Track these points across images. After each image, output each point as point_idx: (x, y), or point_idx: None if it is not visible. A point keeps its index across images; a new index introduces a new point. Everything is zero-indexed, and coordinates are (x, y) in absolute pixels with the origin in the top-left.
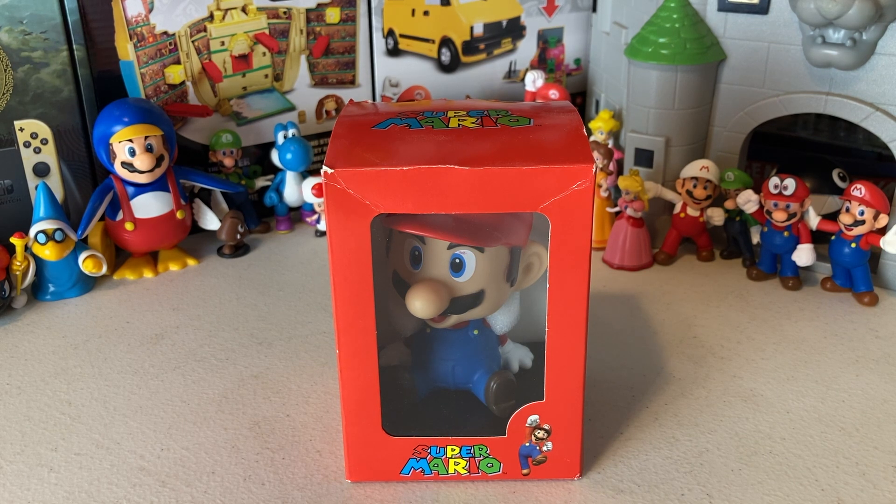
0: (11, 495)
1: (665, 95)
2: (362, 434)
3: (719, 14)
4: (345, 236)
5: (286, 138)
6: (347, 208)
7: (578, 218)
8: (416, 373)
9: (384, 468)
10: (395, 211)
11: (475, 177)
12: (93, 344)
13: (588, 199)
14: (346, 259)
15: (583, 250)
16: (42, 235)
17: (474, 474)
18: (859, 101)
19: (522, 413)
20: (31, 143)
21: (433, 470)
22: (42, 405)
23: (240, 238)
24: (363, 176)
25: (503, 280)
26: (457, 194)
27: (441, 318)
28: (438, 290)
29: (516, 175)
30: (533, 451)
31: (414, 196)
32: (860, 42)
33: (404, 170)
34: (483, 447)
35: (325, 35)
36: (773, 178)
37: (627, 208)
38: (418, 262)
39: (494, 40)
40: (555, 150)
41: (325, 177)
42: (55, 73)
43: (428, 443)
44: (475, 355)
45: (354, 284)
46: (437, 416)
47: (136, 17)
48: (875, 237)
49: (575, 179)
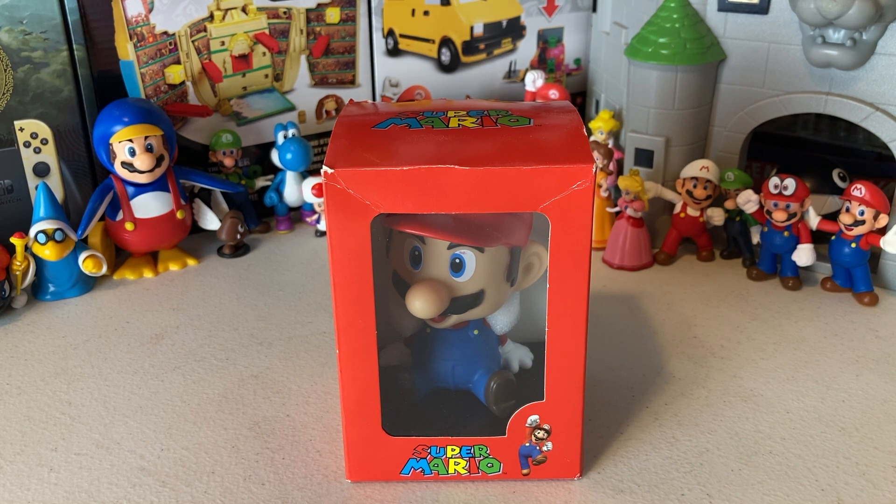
0: (11, 495)
1: (665, 95)
2: (362, 434)
3: (719, 14)
4: (345, 236)
5: (286, 138)
6: (347, 208)
7: (578, 218)
8: (416, 373)
9: (384, 468)
10: (396, 211)
11: (475, 177)
12: (93, 344)
13: (588, 200)
14: (346, 259)
15: (583, 250)
16: (42, 235)
17: (474, 474)
18: (859, 101)
19: (522, 413)
20: (31, 143)
21: (433, 470)
22: (42, 405)
23: (240, 238)
24: (363, 176)
25: (503, 280)
26: (457, 194)
27: (441, 318)
28: (438, 290)
29: (516, 175)
30: (533, 451)
31: (414, 196)
32: (860, 42)
33: (404, 170)
34: (483, 447)
35: (325, 35)
36: (773, 178)
37: (627, 208)
38: (418, 262)
39: (494, 40)
40: (555, 150)
41: (325, 177)
42: (55, 73)
43: (428, 443)
44: (475, 355)
45: (354, 284)
46: (437, 416)
47: (136, 16)
48: (875, 237)
49: (575, 179)
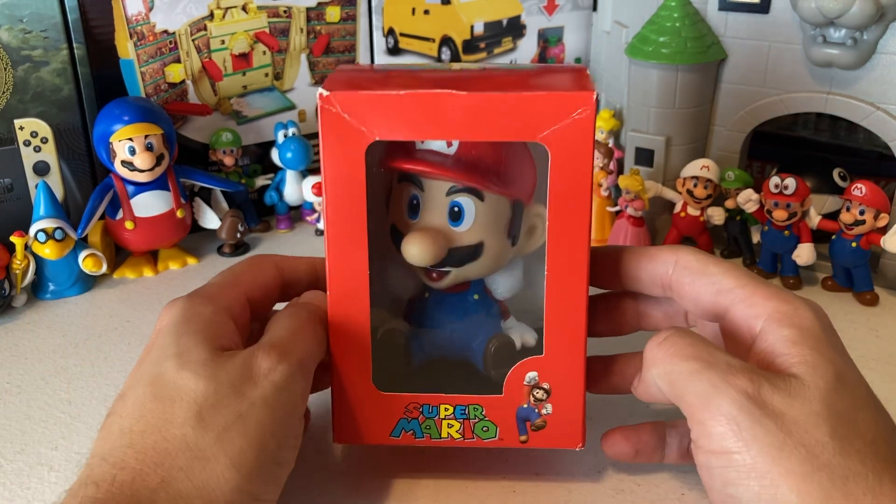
0: (11, 494)
1: (666, 94)
2: (351, 387)
3: (720, 13)
4: (339, 164)
5: (286, 137)
6: (342, 134)
7: (579, 149)
8: (412, 339)
9: (373, 428)
10: (391, 138)
11: (473, 102)
12: (93, 343)
13: (589, 129)
14: (339, 190)
15: (584, 183)
16: (42, 234)
17: (469, 439)
18: (860, 100)
19: (520, 369)
20: (31, 142)
21: (425, 433)
22: (42, 404)
23: (240, 237)
24: (359, 100)
25: (504, 235)
26: (454, 121)
27: (440, 275)
28: (435, 237)
29: (515, 101)
30: (531, 413)
31: (410, 122)
32: (861, 41)
33: (401, 94)
34: (478, 407)
35: (326, 34)
36: (774, 178)
37: (628, 207)
38: (416, 211)
39: (495, 39)
40: (556, 82)
41: (320, 99)
42: (55, 71)
43: (420, 400)
44: (474, 320)
45: (347, 218)
46: (432, 381)
47: (137, 15)
48: (876, 236)
49: (575, 107)
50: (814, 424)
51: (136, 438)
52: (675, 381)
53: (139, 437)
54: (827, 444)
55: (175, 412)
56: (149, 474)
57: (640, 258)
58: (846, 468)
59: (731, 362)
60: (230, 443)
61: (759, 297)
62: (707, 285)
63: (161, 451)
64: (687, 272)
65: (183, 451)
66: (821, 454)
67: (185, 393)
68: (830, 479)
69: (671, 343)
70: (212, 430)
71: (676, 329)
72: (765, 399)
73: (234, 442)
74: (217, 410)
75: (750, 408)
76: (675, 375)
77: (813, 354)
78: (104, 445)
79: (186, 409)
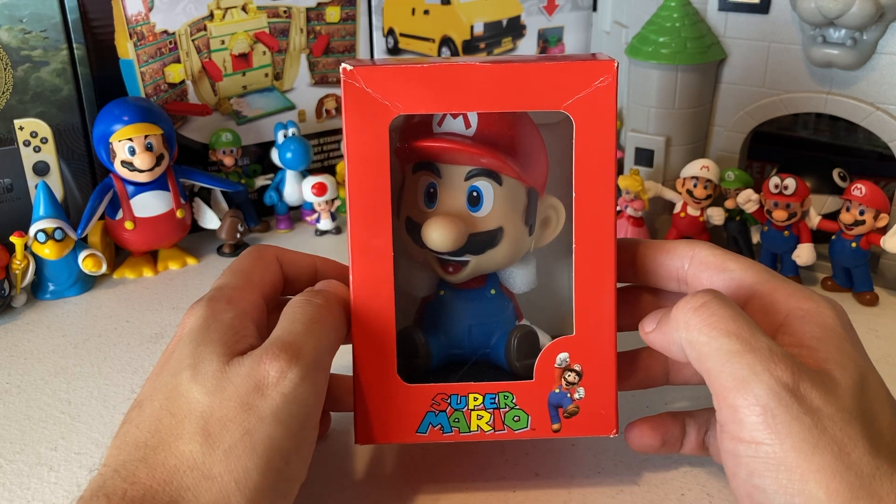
0: (11, 494)
1: (665, 95)
2: (375, 378)
3: (720, 13)
4: (362, 139)
5: (286, 137)
6: (365, 109)
7: (602, 117)
8: (430, 337)
9: (398, 425)
10: (415, 111)
11: (497, 72)
12: (92, 343)
13: (611, 98)
14: (363, 163)
15: (608, 151)
16: (42, 234)
17: (499, 431)
18: (860, 100)
19: (551, 350)
20: (30, 142)
21: (453, 427)
22: (42, 404)
23: (240, 237)
24: (382, 73)
25: (521, 222)
26: (477, 92)
27: (458, 266)
28: (456, 221)
29: (538, 70)
30: (564, 399)
31: (433, 94)
32: (861, 41)
33: (424, 66)
34: (509, 394)
35: (326, 34)
36: (774, 178)
37: (628, 208)
38: (433, 199)
39: (494, 39)
40: (574, 57)
41: (343, 74)
42: (55, 71)
43: (448, 390)
44: (492, 316)
45: (372, 192)
46: (454, 376)
47: (136, 15)
48: (875, 237)
49: (598, 76)
50: (847, 422)
51: (150, 453)
52: (708, 354)
53: (152, 452)
54: (858, 443)
55: (185, 427)
56: (158, 492)
57: (656, 252)
58: (874, 467)
59: (773, 348)
60: (236, 461)
61: (780, 295)
62: (725, 281)
63: (171, 468)
64: (704, 268)
65: (191, 470)
66: (851, 452)
67: (195, 408)
68: (858, 478)
69: (710, 311)
70: (218, 448)
71: (715, 295)
72: (803, 393)
73: (240, 460)
74: (224, 426)
75: (788, 401)
76: (709, 348)
77: (839, 353)
78: (118, 456)
79: (195, 424)
